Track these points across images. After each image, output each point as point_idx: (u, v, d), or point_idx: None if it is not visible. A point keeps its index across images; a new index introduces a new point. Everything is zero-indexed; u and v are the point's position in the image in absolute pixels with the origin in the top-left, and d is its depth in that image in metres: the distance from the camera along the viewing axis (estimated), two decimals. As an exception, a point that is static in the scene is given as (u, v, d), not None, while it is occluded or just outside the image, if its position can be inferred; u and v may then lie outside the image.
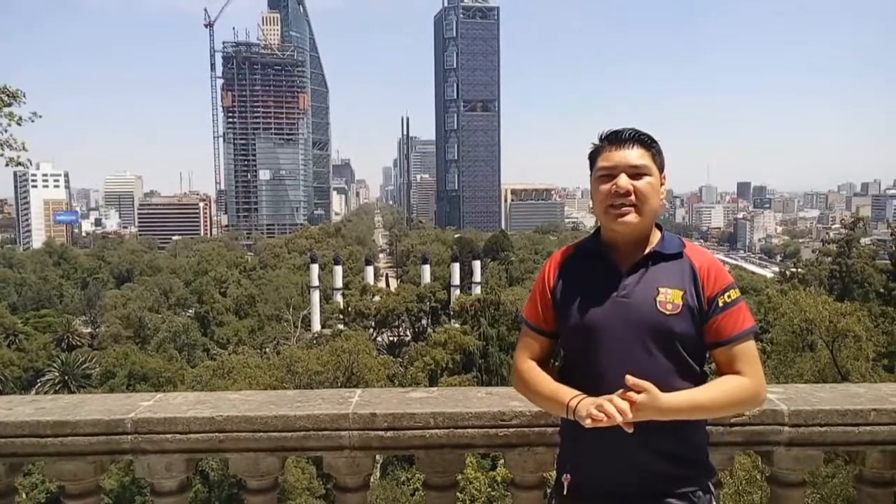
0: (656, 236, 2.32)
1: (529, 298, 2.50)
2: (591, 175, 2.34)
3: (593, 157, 2.34)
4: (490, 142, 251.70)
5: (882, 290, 41.48)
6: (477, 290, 75.49)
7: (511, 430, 2.86)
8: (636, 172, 2.23)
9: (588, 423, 2.07)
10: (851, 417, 2.85)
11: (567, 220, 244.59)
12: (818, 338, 21.03)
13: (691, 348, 2.22)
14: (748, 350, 2.23)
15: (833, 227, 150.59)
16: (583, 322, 2.27)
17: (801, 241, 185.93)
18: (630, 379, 2.04)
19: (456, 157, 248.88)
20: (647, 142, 2.28)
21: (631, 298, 2.22)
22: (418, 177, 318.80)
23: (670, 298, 2.19)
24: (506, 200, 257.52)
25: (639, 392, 2.04)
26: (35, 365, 58.47)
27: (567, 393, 2.23)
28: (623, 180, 2.22)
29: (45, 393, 45.67)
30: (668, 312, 2.18)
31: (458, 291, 74.90)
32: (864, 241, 58.70)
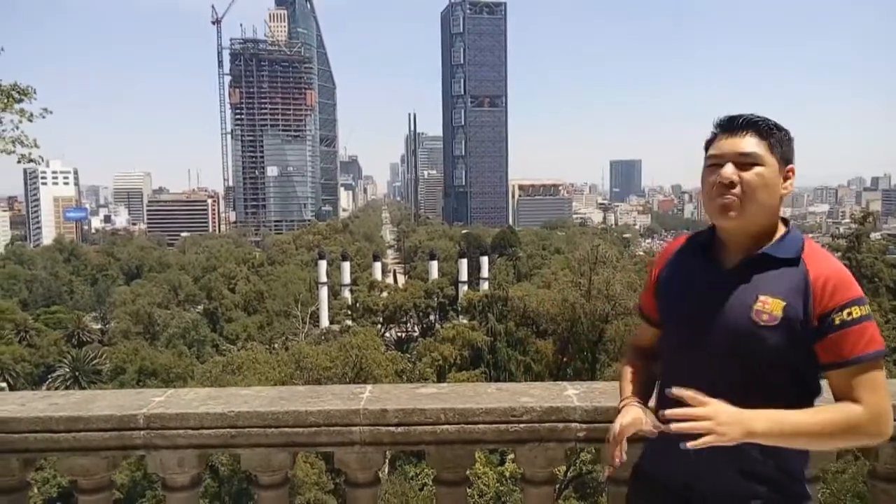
0: (776, 234, 2.09)
1: (644, 285, 2.47)
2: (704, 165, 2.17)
3: (707, 145, 2.15)
4: (497, 137, 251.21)
5: (892, 285, 41.28)
6: (485, 285, 75.43)
7: (522, 425, 2.85)
8: (745, 161, 2.01)
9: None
10: (865, 413, 2.82)
11: (575, 216, 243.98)
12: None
13: (785, 367, 2.02)
14: (870, 377, 1.96)
15: (843, 221, 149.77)
16: (676, 317, 2.19)
17: (811, 235, 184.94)
18: (677, 390, 1.90)
19: (463, 153, 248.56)
20: (763, 129, 2.04)
21: (728, 302, 2.05)
22: (426, 173, 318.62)
23: (769, 308, 1.99)
24: (513, 196, 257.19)
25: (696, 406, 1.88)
26: (46, 361, 58.88)
27: (623, 393, 2.29)
28: (727, 170, 2.01)
29: (56, 388, 45.97)
30: (762, 323, 1.98)
31: (465, 287, 74.88)
32: (875, 235, 58.35)
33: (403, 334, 69.82)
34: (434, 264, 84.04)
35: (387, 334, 65.93)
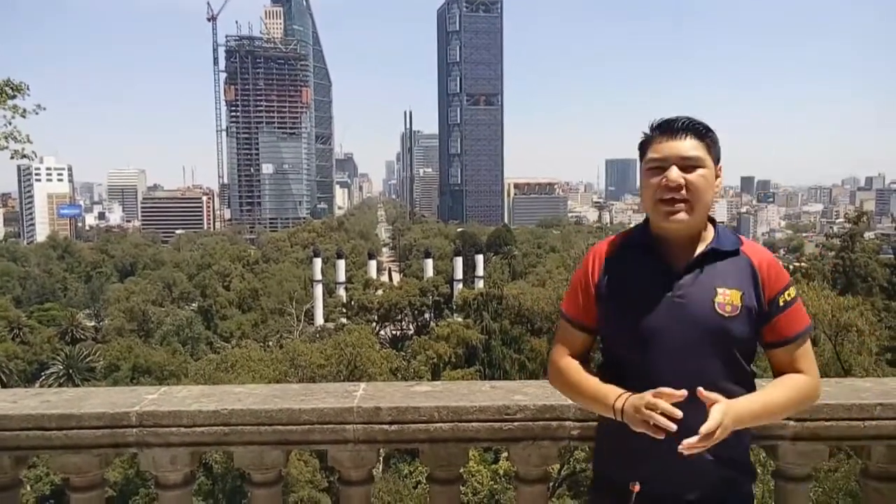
0: (710, 232, 2.20)
1: (569, 292, 2.37)
2: (640, 166, 2.21)
3: (643, 147, 2.20)
4: (493, 136, 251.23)
5: (886, 284, 41.41)
6: (480, 284, 75.56)
7: (515, 423, 2.85)
8: (689, 164, 2.09)
9: (642, 428, 1.98)
10: (857, 412, 2.83)
11: (570, 214, 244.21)
12: (821, 332, 21.02)
13: (745, 350, 2.15)
14: (807, 348, 2.20)
15: (837, 221, 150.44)
16: (635, 322, 2.15)
17: (804, 235, 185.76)
18: (703, 392, 1.94)
19: (459, 152, 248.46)
20: (701, 131, 2.13)
21: (687, 299, 2.11)
22: (421, 171, 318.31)
23: (729, 300, 2.09)
24: (508, 195, 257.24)
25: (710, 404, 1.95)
26: (39, 358, 58.70)
27: (612, 392, 2.13)
28: (674, 173, 2.08)
29: (50, 386, 45.81)
30: (726, 314, 2.08)
31: (460, 285, 74.94)
32: (868, 235, 58.58)
33: (398, 332, 69.83)
34: (429, 262, 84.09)
35: (381, 332, 65.95)
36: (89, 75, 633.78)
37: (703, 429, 1.90)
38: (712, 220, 2.21)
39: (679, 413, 1.93)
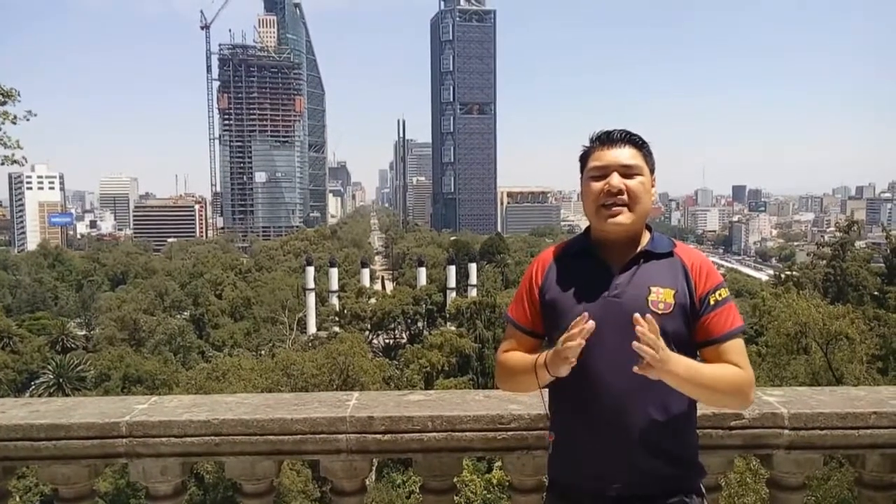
0: (646, 237, 2.31)
1: (515, 298, 2.49)
2: (581, 176, 2.34)
3: (584, 158, 2.34)
4: (486, 144, 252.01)
5: (876, 292, 41.61)
6: (473, 292, 75.48)
7: (509, 433, 2.84)
8: (628, 172, 2.23)
9: (566, 364, 2.08)
10: (851, 420, 2.84)
11: (563, 223, 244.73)
12: (812, 341, 21.06)
13: (682, 347, 2.20)
14: (739, 346, 2.24)
15: (828, 230, 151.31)
16: (573, 320, 2.18)
17: (796, 244, 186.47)
18: (637, 317, 2.01)
19: (452, 160, 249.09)
20: (638, 142, 2.28)
21: (622, 298, 2.20)
22: (414, 179, 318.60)
23: (662, 297, 2.19)
24: (502, 203, 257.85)
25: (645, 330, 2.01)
26: (29, 367, 58.13)
27: (538, 356, 2.24)
28: (615, 179, 2.22)
29: (40, 395, 45.42)
30: (660, 312, 2.16)
31: (453, 294, 74.85)
32: (859, 244, 58.83)
33: (391, 341, 69.66)
34: (422, 271, 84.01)
35: (374, 341, 65.76)
36: (80, 81, 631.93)
37: (638, 318, 2.00)
38: (649, 227, 2.34)
39: (592, 324, 2.04)
